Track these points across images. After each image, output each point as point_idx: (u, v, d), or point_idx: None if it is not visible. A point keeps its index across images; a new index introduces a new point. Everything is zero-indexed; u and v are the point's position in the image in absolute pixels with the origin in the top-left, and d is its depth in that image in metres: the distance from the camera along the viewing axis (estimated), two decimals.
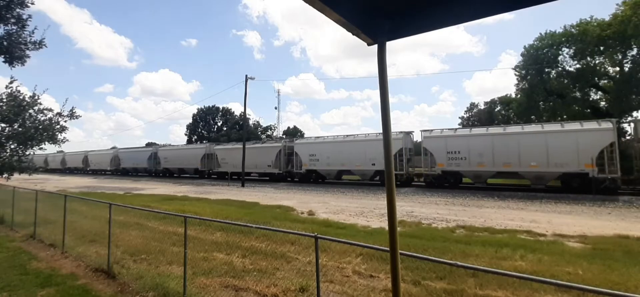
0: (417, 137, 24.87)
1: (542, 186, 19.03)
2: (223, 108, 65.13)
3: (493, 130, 20.42)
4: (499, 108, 42.96)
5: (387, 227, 2.72)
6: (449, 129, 22.15)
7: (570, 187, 17.40)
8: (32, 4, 9.59)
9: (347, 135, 26.94)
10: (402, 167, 22.49)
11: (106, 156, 50.51)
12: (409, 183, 23.54)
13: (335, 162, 25.88)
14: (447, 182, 21.02)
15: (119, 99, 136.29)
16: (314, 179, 27.93)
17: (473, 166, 19.74)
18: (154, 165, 43.26)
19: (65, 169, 60.02)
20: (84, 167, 54.79)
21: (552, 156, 17.30)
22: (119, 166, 47.85)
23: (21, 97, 10.03)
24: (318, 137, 29.08)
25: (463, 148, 20.12)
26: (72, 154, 59.31)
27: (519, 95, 33.35)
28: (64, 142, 10.92)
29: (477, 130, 21.20)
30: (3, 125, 9.93)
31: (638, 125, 17.97)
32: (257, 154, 30.95)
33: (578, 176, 16.88)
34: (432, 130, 22.13)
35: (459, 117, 55.01)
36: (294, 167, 28.71)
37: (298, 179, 28.86)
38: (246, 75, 29.33)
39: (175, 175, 41.69)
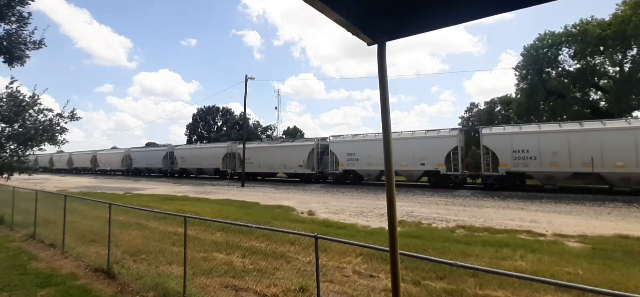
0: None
1: (627, 189, 16.90)
2: (223, 108, 65.22)
3: (567, 126, 18.62)
4: (499, 108, 42.97)
5: (387, 227, 2.72)
6: (511, 125, 21.63)
7: None
8: (32, 0, 9.59)
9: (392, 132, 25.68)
10: (456, 168, 20.69)
11: (117, 156, 48.39)
12: (461, 185, 21.60)
13: (378, 161, 23.12)
14: (512, 184, 19.19)
15: (119, 99, 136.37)
16: (351, 180, 25.88)
17: (545, 166, 18.02)
18: (169, 165, 40.93)
19: (72, 169, 58.00)
20: (92, 167, 52.73)
21: None
22: (131, 166, 45.64)
23: (21, 98, 10.02)
24: (357, 134, 26.37)
25: (532, 146, 18.36)
26: (80, 154, 57.39)
27: (519, 95, 33.36)
28: (64, 143, 10.91)
29: (548, 127, 19.16)
30: (3, 125, 9.92)
31: None
32: (286, 153, 28.78)
33: None
34: (491, 126, 20.99)
35: (459, 117, 55.01)
36: (329, 167, 26.54)
37: (332, 180, 27.13)
38: (246, 75, 29.38)
39: (192, 176, 39.19)
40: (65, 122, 10.60)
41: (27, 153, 10.63)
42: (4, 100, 9.86)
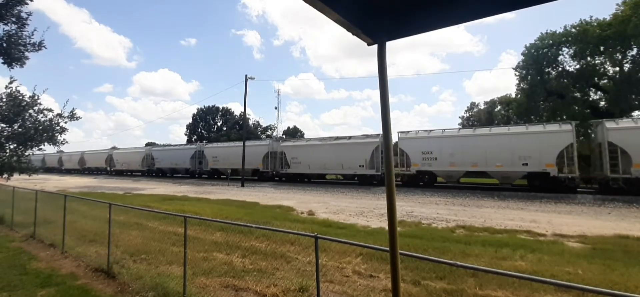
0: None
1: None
2: (223, 108, 65.28)
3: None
4: (498, 108, 42.99)
5: (387, 227, 2.72)
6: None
7: None
8: (31, 0, 9.57)
9: (479, 128, 22.20)
10: (571, 169, 17.61)
11: (137, 155, 44.24)
12: (574, 190, 18.29)
13: (464, 160, 20.22)
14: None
15: (119, 99, 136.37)
16: (426, 182, 22.40)
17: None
18: (197, 165, 37.23)
19: (84, 170, 53.95)
20: (107, 167, 49.02)
21: None
22: (152, 166, 41.93)
23: (21, 98, 10.02)
24: (431, 130, 23.01)
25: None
26: (93, 154, 53.27)
27: (519, 95, 33.37)
28: (64, 143, 10.91)
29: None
30: (3, 125, 9.92)
31: None
32: (344, 152, 25.22)
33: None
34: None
35: (459, 117, 55.07)
36: (399, 167, 23.41)
37: (402, 181, 23.66)
38: (246, 75, 29.36)
39: (224, 176, 35.07)
40: (65, 122, 10.60)
41: (26, 153, 10.62)
42: (4, 100, 9.85)
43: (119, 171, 46.85)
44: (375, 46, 1.37)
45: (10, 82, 9.98)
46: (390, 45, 1.45)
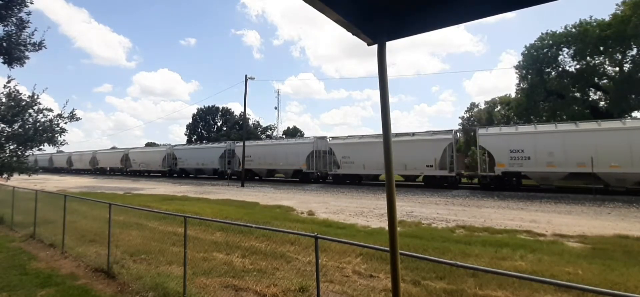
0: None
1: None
2: (223, 108, 65.29)
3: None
4: (498, 108, 42.99)
5: (387, 227, 2.72)
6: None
7: None
8: (31, 3, 9.57)
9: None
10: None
11: (156, 154, 40.99)
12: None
13: (566, 160, 17.01)
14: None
15: (118, 99, 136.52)
16: (514, 185, 18.98)
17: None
18: (226, 165, 33.50)
19: (96, 170, 50.39)
20: (123, 167, 45.68)
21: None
22: (175, 166, 38.70)
23: (20, 97, 10.01)
24: (519, 125, 20.11)
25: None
26: (107, 153, 50.20)
27: (519, 95, 33.37)
28: (64, 144, 10.89)
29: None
30: (2, 125, 9.90)
31: None
32: (408, 150, 21.99)
33: None
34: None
35: (459, 117, 55.08)
36: (479, 167, 20.00)
37: (479, 184, 20.56)
38: (246, 75, 29.35)
39: (260, 178, 32.01)
40: (65, 123, 10.59)
41: (26, 153, 10.61)
42: (4, 100, 9.84)
43: (136, 171, 43.38)
44: (375, 46, 1.37)
45: (8, 82, 9.96)
46: (390, 45, 1.45)
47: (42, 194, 11.74)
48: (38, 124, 10.21)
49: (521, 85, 32.23)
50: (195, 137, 63.90)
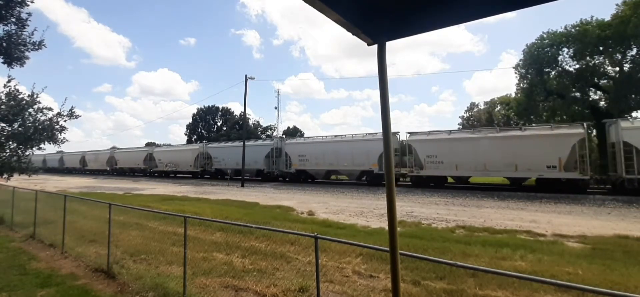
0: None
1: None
2: (223, 108, 65.33)
3: None
4: (498, 108, 43.01)
5: (387, 227, 2.72)
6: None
7: None
8: (32, 2, 9.57)
9: None
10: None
11: (186, 154, 37.13)
12: None
13: None
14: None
15: (118, 99, 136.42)
16: None
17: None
18: (272, 165, 29.84)
19: (113, 170, 46.13)
20: (147, 168, 42.10)
21: None
22: (209, 167, 35.00)
23: (20, 97, 10.00)
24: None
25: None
26: (125, 152, 45.88)
27: (519, 95, 33.36)
28: (64, 142, 10.89)
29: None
30: (2, 125, 9.90)
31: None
32: (523, 147, 18.48)
33: None
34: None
35: (459, 117, 55.10)
36: (622, 169, 16.37)
37: (616, 189, 17.04)
38: (246, 76, 29.32)
39: (313, 179, 28.37)
40: (65, 121, 10.58)
41: (26, 153, 10.60)
42: (3, 100, 9.84)
43: (161, 171, 39.91)
44: (375, 46, 1.37)
45: (9, 81, 9.96)
46: (390, 45, 1.45)
47: (42, 194, 11.74)
48: (38, 123, 10.21)
49: (521, 85, 32.24)
50: (195, 137, 63.93)
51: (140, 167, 42.70)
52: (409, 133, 23.40)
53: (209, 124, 65.24)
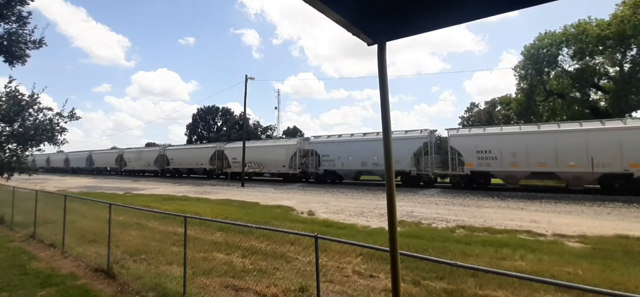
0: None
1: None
2: (223, 108, 65.35)
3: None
4: (499, 108, 43.02)
5: (387, 227, 2.72)
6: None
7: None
8: (32, 0, 9.58)
9: None
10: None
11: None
12: None
13: None
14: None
15: (117, 99, 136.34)
16: None
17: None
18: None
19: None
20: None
21: None
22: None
23: (20, 97, 10.01)
24: None
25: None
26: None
27: (519, 95, 33.37)
28: (64, 143, 10.90)
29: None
30: (2, 125, 9.91)
31: None
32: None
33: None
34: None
35: (459, 117, 55.11)
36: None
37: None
38: (246, 76, 29.34)
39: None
40: (65, 122, 10.59)
41: (26, 153, 10.61)
42: (3, 99, 9.85)
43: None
44: (375, 46, 1.37)
45: (10, 82, 9.98)
46: (390, 45, 1.45)
47: (42, 194, 11.74)
48: (38, 123, 10.22)
49: (521, 85, 32.25)
50: (195, 137, 63.96)
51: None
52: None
53: (209, 124, 65.26)
